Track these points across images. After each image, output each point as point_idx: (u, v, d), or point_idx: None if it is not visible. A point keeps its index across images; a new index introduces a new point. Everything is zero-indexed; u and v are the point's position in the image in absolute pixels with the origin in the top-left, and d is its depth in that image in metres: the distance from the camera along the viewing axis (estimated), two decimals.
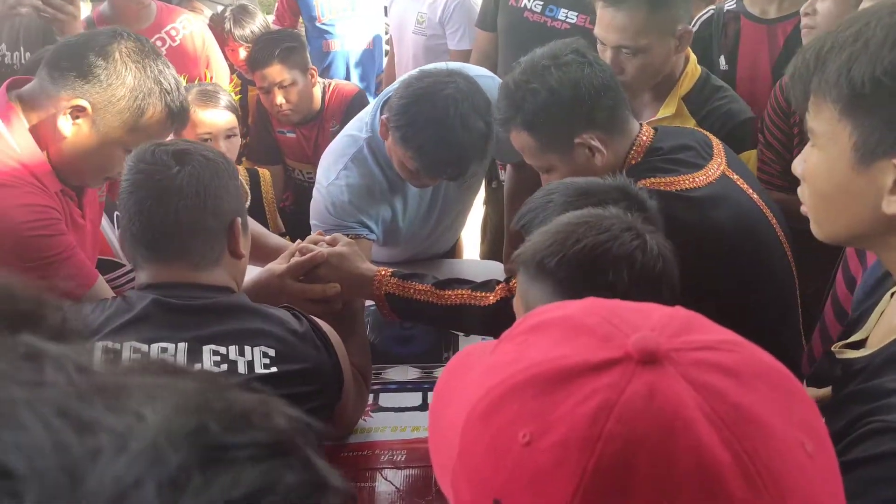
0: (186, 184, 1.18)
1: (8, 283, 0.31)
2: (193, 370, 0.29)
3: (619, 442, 0.42)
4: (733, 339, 0.48)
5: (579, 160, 1.48)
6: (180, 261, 1.22)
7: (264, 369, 1.17)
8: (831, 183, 0.85)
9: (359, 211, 1.82)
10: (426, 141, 1.61)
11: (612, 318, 0.48)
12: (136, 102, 1.38)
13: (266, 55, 2.54)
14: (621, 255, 0.97)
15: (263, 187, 2.45)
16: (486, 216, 2.93)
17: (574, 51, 1.47)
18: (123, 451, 0.23)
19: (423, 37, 2.91)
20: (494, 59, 2.58)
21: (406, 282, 1.58)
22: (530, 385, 0.45)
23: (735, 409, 0.43)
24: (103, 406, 0.24)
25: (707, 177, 1.44)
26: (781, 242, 1.50)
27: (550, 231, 1.02)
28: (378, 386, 1.69)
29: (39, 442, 0.22)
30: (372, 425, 1.58)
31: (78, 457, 0.22)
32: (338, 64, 3.21)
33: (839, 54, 0.80)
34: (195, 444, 0.24)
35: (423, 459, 1.48)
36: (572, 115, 1.44)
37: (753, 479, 0.42)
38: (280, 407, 0.28)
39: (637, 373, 0.45)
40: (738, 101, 1.87)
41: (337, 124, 2.69)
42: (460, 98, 1.60)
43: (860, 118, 0.80)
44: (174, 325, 1.16)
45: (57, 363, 0.25)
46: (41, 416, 0.23)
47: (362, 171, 1.82)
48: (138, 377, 0.27)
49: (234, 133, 2.28)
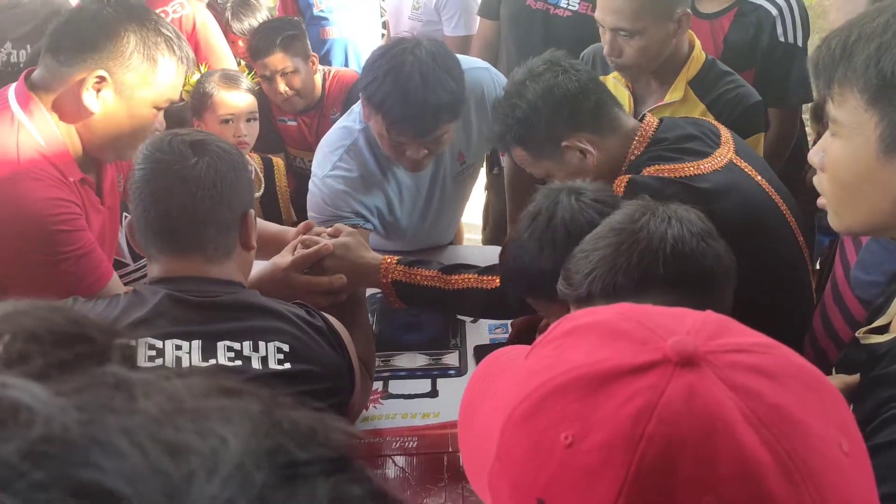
0: (204, 174, 1.19)
1: (79, 317, 0.32)
2: (251, 388, 0.30)
3: (661, 442, 0.43)
4: (766, 341, 0.49)
5: (572, 163, 1.51)
6: (195, 252, 1.22)
7: (278, 365, 1.18)
8: (855, 173, 0.86)
9: (355, 202, 1.82)
10: (386, 94, 1.61)
11: (647, 322, 0.49)
12: (147, 54, 1.40)
13: (268, 43, 2.53)
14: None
15: (277, 177, 2.45)
16: (488, 202, 2.93)
17: (547, 62, 1.52)
18: (215, 473, 0.24)
19: (419, 23, 2.90)
20: (497, 48, 2.58)
21: (412, 268, 1.59)
22: (571, 387, 0.46)
23: (773, 409, 0.45)
24: (190, 430, 0.25)
25: (713, 164, 1.45)
26: (792, 229, 1.51)
27: (612, 243, 1.00)
28: (387, 373, 1.70)
29: (139, 468, 0.23)
30: (382, 412, 1.60)
31: (176, 480, 0.23)
32: (336, 51, 3.20)
33: (867, 45, 0.80)
34: (274, 463, 0.25)
35: (433, 446, 1.50)
36: (553, 121, 1.48)
37: (794, 478, 0.43)
38: (335, 422, 0.30)
39: (676, 375, 0.46)
40: (745, 85, 1.88)
41: (338, 111, 2.68)
42: (419, 52, 1.62)
43: (887, 108, 0.80)
44: (188, 321, 1.16)
45: (145, 391, 0.27)
46: (137, 442, 0.24)
47: (357, 161, 1.83)
48: (212, 399, 0.28)
49: (255, 117, 2.28)
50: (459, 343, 1.80)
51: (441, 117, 1.65)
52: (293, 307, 1.28)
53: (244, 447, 0.25)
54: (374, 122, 1.69)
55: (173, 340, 1.14)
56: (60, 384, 0.26)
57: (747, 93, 1.86)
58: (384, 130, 1.67)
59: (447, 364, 1.74)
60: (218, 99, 2.20)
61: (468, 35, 2.81)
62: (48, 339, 0.29)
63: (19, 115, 1.40)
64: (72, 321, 0.32)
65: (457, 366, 1.73)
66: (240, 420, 0.26)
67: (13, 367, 0.27)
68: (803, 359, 0.50)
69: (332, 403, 1.28)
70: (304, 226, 1.70)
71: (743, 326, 0.51)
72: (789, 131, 2.28)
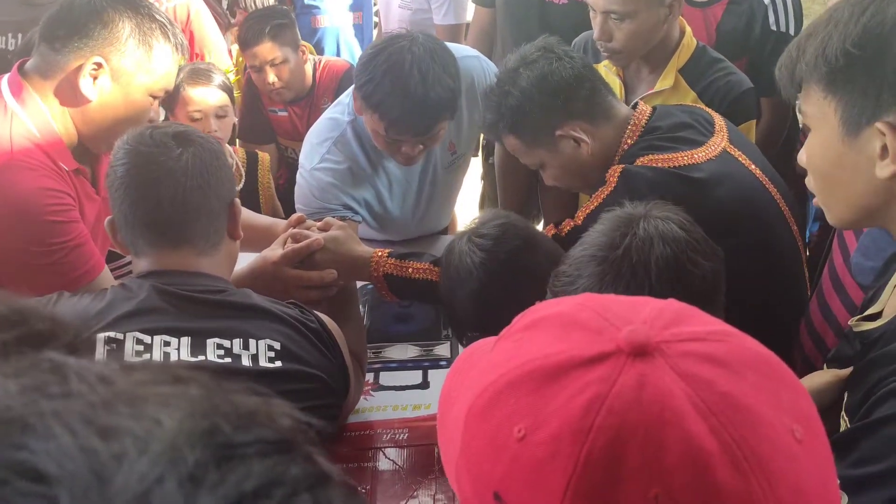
0: (191, 165, 1.18)
1: (22, 306, 0.33)
2: (199, 376, 0.30)
3: (609, 433, 0.43)
4: (723, 329, 0.49)
5: (566, 152, 1.50)
6: (186, 244, 1.21)
7: (269, 363, 1.17)
8: (827, 161, 0.89)
9: (343, 194, 1.82)
10: (385, 94, 1.59)
11: (604, 312, 0.49)
12: (142, 39, 1.41)
13: (256, 33, 2.51)
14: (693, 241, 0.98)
15: (260, 171, 2.43)
16: (484, 192, 2.93)
17: (541, 48, 1.51)
18: (145, 452, 0.25)
19: (409, 10, 2.89)
20: (493, 36, 2.56)
21: (404, 261, 1.59)
22: (525, 381, 0.47)
23: (723, 398, 0.45)
24: (124, 413, 0.26)
25: (707, 153, 1.44)
26: (786, 218, 1.51)
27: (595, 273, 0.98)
28: (378, 365, 1.70)
29: (68, 448, 0.24)
30: (373, 404, 1.60)
31: (105, 459, 0.24)
32: (327, 40, 3.19)
33: (814, 39, 0.85)
34: (209, 444, 0.26)
35: (425, 437, 1.50)
36: (547, 109, 1.47)
37: (741, 466, 0.43)
38: (282, 407, 0.30)
39: (628, 365, 0.46)
40: (736, 72, 1.87)
41: (329, 101, 2.67)
42: (416, 49, 1.60)
43: (840, 92, 0.84)
44: (177, 317, 1.16)
45: (80, 375, 0.27)
46: (68, 425, 0.25)
47: (346, 153, 1.82)
48: (152, 387, 0.28)
49: (226, 113, 2.25)
50: (451, 334, 1.80)
51: (440, 115, 1.65)
52: (286, 307, 1.28)
53: (178, 428, 0.26)
54: (369, 119, 1.67)
55: (162, 336, 1.14)
56: (1, 366, 0.27)
57: (739, 80, 1.84)
58: (381, 129, 1.65)
59: (438, 355, 1.74)
60: (186, 95, 2.17)
61: (458, 24, 2.80)
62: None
63: (12, 105, 1.40)
64: (11, 307, 0.32)
65: (448, 357, 1.74)
66: (177, 403, 0.27)
67: None
68: (761, 346, 0.50)
69: (325, 403, 1.27)
70: (295, 219, 1.70)
71: (703, 314, 0.51)
72: (781, 121, 2.26)
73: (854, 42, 0.82)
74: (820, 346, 1.39)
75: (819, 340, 1.39)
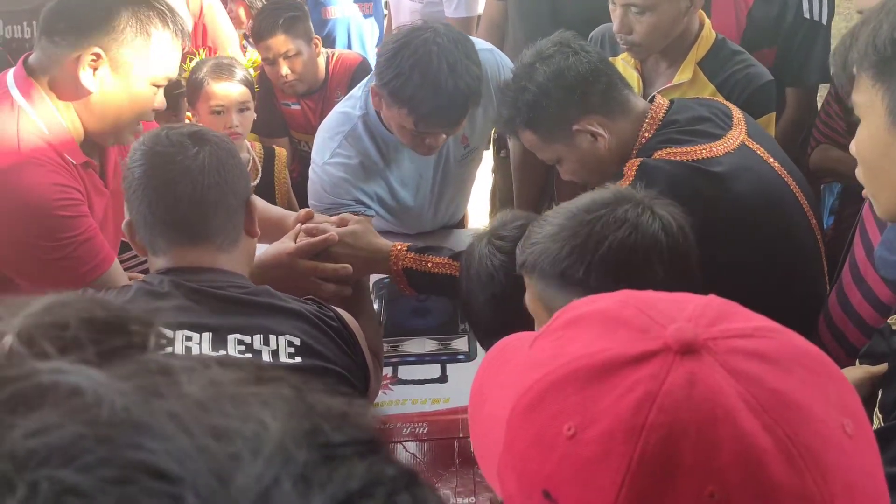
0: (208, 163, 1.20)
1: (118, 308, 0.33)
2: (282, 374, 0.31)
3: (662, 431, 0.43)
4: (768, 325, 0.49)
5: (583, 146, 1.50)
6: (206, 241, 1.22)
7: (289, 359, 1.18)
8: (875, 151, 0.88)
9: (355, 189, 1.81)
10: (416, 88, 1.58)
11: (648, 309, 0.49)
12: (140, 28, 1.40)
13: (269, 25, 2.51)
14: (648, 245, 0.93)
15: (277, 167, 2.44)
16: (495, 185, 2.92)
17: (557, 43, 1.50)
18: (259, 454, 0.25)
19: (420, 3, 2.87)
20: (504, 29, 2.55)
21: (423, 255, 1.59)
22: (572, 379, 0.47)
23: (774, 394, 0.45)
24: (231, 414, 0.26)
25: (726, 146, 1.43)
26: (805, 212, 1.50)
27: (562, 234, 0.98)
28: (396, 359, 1.71)
29: (186, 448, 0.24)
30: (392, 398, 1.60)
31: (222, 460, 0.24)
32: (338, 31, 3.18)
33: (866, 27, 0.84)
34: (313, 444, 0.26)
35: (444, 431, 1.50)
36: (563, 104, 1.46)
37: (795, 462, 0.43)
38: (364, 407, 0.31)
39: (676, 363, 0.46)
40: (756, 64, 1.85)
41: (342, 94, 2.66)
42: (441, 41, 1.59)
43: (889, 81, 0.83)
44: (199, 313, 1.16)
45: (189, 377, 0.28)
46: (183, 425, 0.25)
47: (357, 148, 1.81)
48: (250, 386, 0.29)
49: (248, 107, 2.26)
50: (468, 328, 1.80)
51: (469, 105, 1.64)
52: (306, 303, 1.28)
53: (284, 429, 0.26)
54: (396, 114, 1.65)
55: (184, 331, 1.15)
56: (112, 370, 0.27)
57: (758, 72, 1.82)
58: (409, 124, 1.64)
59: (456, 349, 1.74)
60: (209, 89, 2.19)
61: (469, 17, 2.78)
62: (94, 329, 0.30)
63: (20, 101, 1.40)
64: (111, 311, 0.33)
65: (466, 351, 1.74)
66: (277, 404, 0.27)
67: (67, 354, 0.28)
68: (806, 341, 0.50)
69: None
70: (304, 214, 1.69)
71: (745, 310, 0.51)
72: (805, 113, 2.23)
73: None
74: (840, 340, 1.39)
75: (839, 334, 1.39)
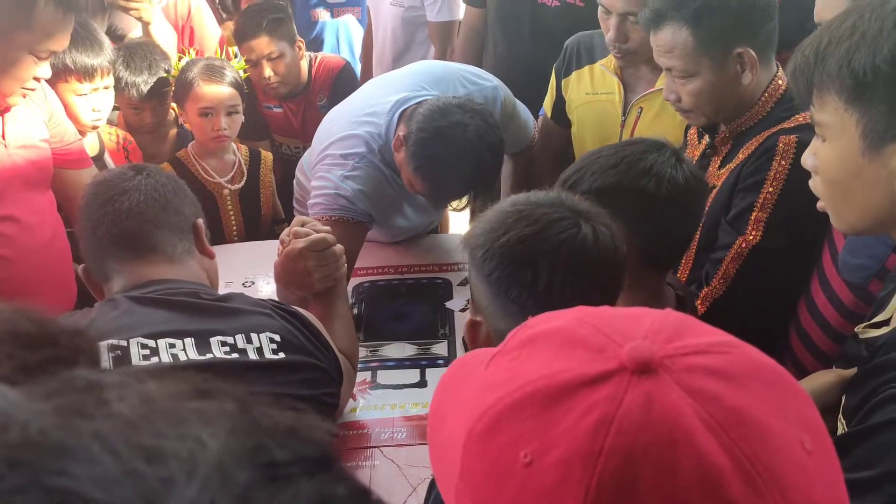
0: (146, 183, 1.27)
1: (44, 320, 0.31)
2: (225, 387, 0.29)
3: (620, 456, 0.42)
4: (725, 339, 0.48)
5: (728, 73, 1.44)
6: (153, 253, 1.25)
7: (273, 355, 1.19)
8: (844, 171, 0.88)
9: (364, 205, 1.81)
10: (442, 181, 1.68)
11: (603, 327, 0.48)
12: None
13: (253, 27, 2.49)
14: (545, 249, 0.90)
15: (263, 170, 2.40)
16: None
17: None
18: (193, 475, 0.23)
19: (401, 8, 2.83)
20: (483, 36, 2.55)
21: None
22: (528, 403, 0.46)
23: (731, 412, 0.44)
24: (166, 433, 0.24)
25: None
26: None
27: (488, 217, 0.97)
28: (375, 363, 1.70)
29: (113, 473, 0.23)
30: (371, 403, 1.60)
31: (153, 484, 0.23)
32: (327, 33, 3.16)
33: (838, 48, 0.83)
34: (256, 463, 0.25)
35: (423, 436, 1.50)
36: (740, 23, 1.41)
37: (754, 481, 0.42)
38: (316, 421, 0.29)
39: (633, 383, 0.45)
40: None
41: (325, 98, 2.65)
42: (480, 143, 1.65)
43: (865, 106, 0.83)
44: (174, 320, 1.16)
45: (119, 394, 0.26)
46: (110, 447, 0.23)
47: (375, 176, 1.83)
48: (189, 401, 0.27)
49: (237, 110, 2.24)
50: (448, 332, 1.79)
51: None
52: (270, 304, 1.29)
53: (223, 448, 0.24)
54: (413, 179, 1.70)
55: (166, 339, 1.14)
56: (31, 388, 0.25)
57: None
58: (419, 191, 1.73)
59: (436, 354, 1.73)
60: (199, 91, 2.17)
61: (452, 21, 2.75)
62: (16, 343, 0.28)
63: None
64: (36, 324, 0.31)
65: (445, 355, 1.73)
66: (218, 420, 0.26)
67: None
68: (763, 354, 0.49)
69: (331, 391, 1.30)
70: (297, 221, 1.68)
71: (702, 324, 0.51)
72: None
73: (885, 58, 0.80)
74: (807, 342, 1.40)
75: (806, 337, 1.40)
